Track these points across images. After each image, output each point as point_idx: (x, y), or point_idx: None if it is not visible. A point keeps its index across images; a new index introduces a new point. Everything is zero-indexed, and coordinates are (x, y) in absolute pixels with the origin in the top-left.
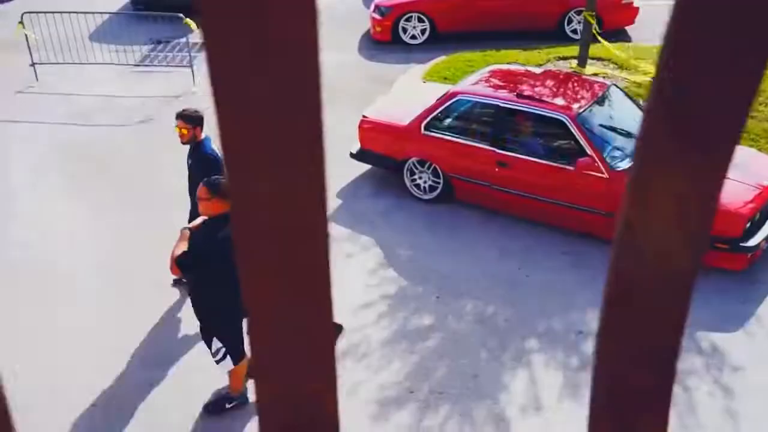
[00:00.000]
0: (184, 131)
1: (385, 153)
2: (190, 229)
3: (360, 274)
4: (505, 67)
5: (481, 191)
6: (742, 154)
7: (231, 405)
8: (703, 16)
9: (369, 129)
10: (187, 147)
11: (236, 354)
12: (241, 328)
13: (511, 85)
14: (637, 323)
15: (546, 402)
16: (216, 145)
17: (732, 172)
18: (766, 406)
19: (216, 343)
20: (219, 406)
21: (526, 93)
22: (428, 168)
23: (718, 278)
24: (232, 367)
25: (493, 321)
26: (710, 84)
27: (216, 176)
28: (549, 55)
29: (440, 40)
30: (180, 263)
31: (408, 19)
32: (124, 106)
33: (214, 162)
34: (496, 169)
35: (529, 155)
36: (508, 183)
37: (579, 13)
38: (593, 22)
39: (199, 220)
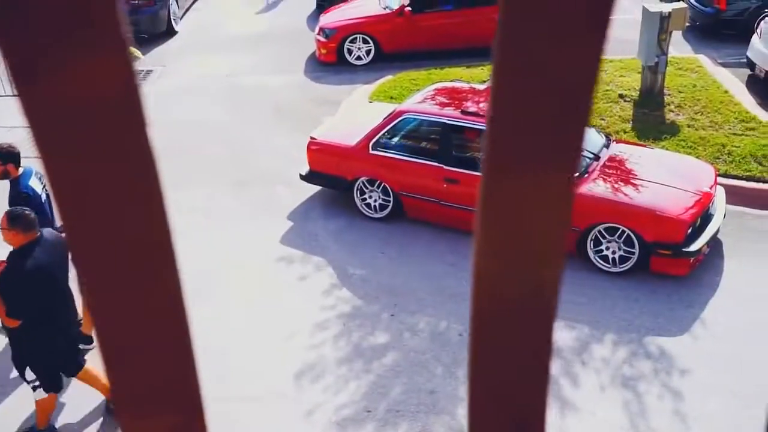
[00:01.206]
0: None
1: (334, 173)
2: None
3: (314, 295)
4: (449, 84)
5: (430, 208)
6: (682, 161)
7: None
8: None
9: (317, 150)
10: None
11: (48, 387)
12: (58, 361)
13: (456, 102)
14: (504, 335)
15: None
16: (34, 181)
17: (672, 180)
18: (714, 406)
19: (29, 373)
20: None
21: (470, 109)
22: (378, 187)
23: (663, 283)
24: (41, 398)
25: (447, 336)
26: (548, 71)
27: (22, 207)
28: None
29: (385, 60)
30: (10, 315)
31: (353, 41)
32: None
33: (27, 199)
34: (444, 186)
35: (475, 171)
36: (456, 199)
37: None
38: None
39: None
